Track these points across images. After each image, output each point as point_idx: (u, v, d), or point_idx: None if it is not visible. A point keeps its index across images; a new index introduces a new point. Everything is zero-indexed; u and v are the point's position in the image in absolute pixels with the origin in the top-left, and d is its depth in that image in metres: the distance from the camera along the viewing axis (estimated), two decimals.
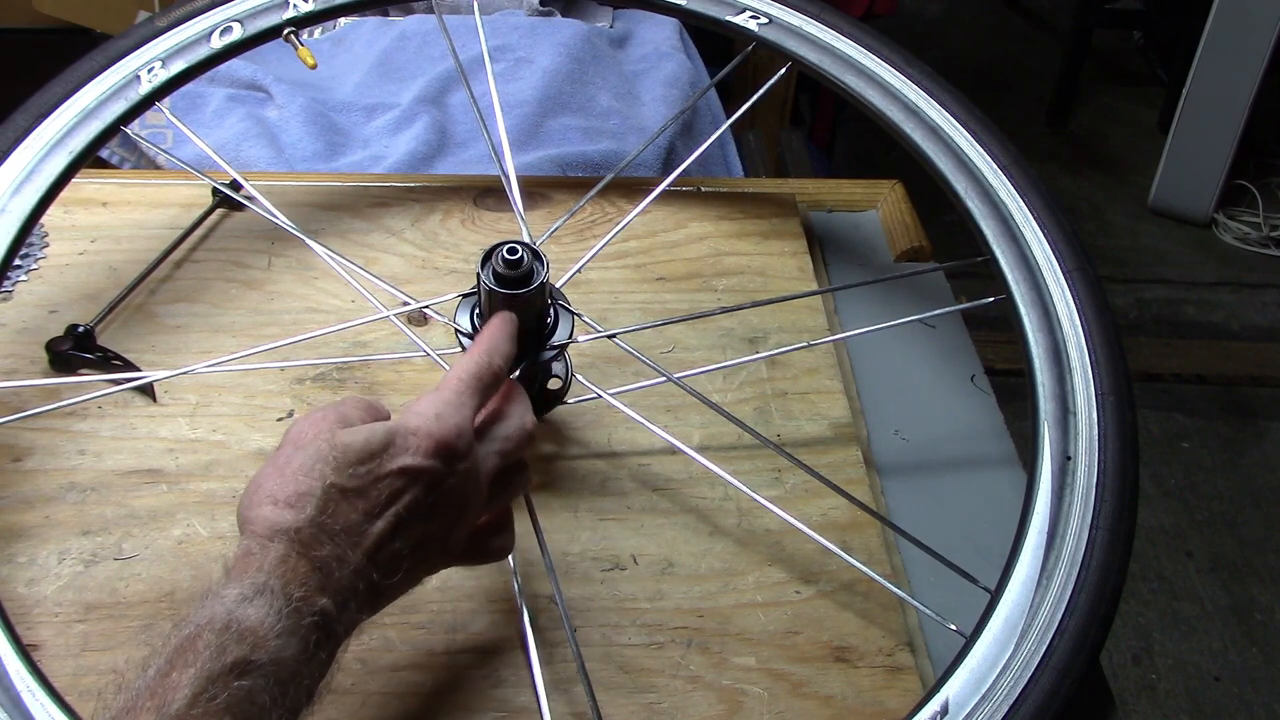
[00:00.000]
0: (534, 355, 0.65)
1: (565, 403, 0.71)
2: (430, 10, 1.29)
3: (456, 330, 0.66)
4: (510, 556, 0.63)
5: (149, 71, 0.77)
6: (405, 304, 0.74)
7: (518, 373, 0.63)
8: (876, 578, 0.63)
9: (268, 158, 1.06)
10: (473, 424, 0.54)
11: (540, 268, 0.62)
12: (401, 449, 0.51)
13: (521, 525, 0.66)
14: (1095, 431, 0.62)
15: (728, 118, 1.23)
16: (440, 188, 0.93)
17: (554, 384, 0.70)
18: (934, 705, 0.54)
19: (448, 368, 0.70)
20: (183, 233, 0.85)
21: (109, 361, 0.75)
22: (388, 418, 0.55)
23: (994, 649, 0.55)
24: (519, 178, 0.79)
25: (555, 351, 0.66)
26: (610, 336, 0.72)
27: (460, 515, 0.54)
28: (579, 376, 0.70)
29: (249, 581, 0.45)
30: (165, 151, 0.91)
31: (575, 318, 0.67)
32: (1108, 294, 0.68)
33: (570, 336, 0.66)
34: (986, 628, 0.56)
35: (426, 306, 0.73)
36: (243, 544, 0.48)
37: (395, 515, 0.50)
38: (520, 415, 0.58)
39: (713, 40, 1.34)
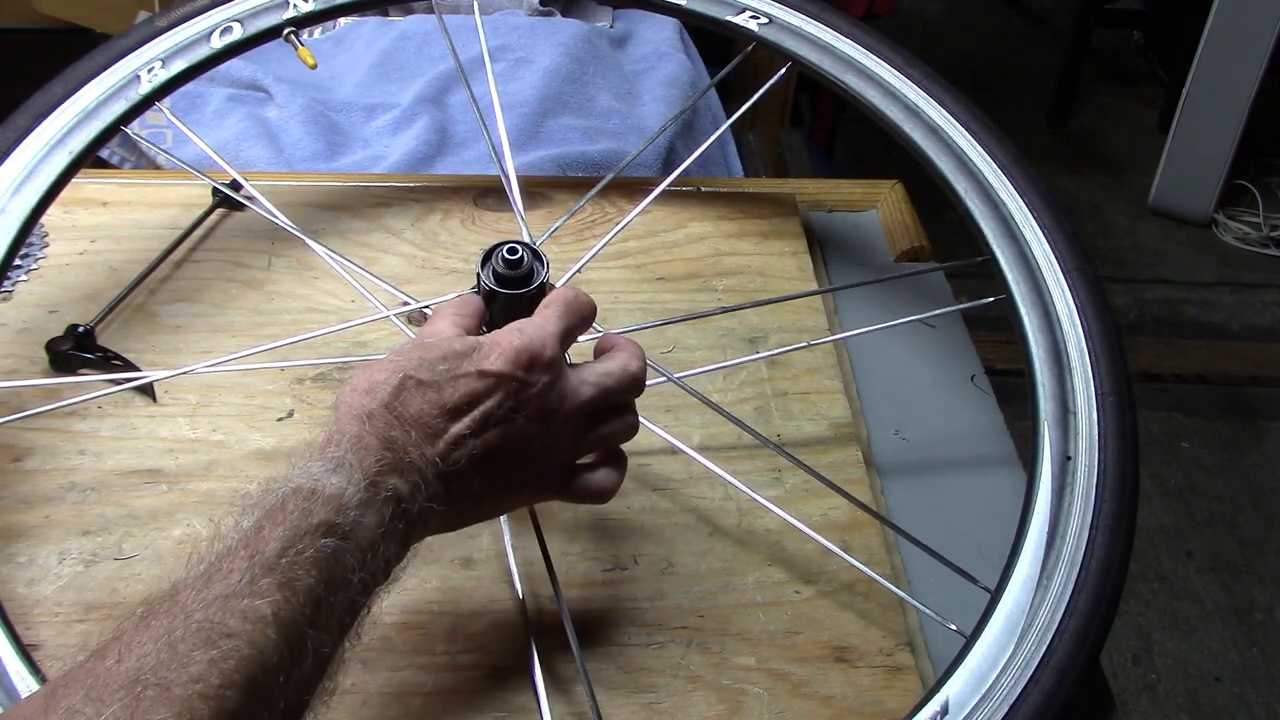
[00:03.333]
0: None
1: None
2: (430, 10, 1.29)
3: None
4: (510, 556, 0.63)
5: (149, 71, 0.77)
6: (405, 304, 0.73)
7: None
8: (876, 578, 0.63)
9: (268, 158, 1.06)
10: (560, 342, 0.56)
11: (540, 268, 0.62)
12: (483, 355, 0.53)
13: (522, 525, 0.66)
14: (1095, 431, 0.62)
15: (728, 118, 1.23)
16: (440, 188, 0.93)
17: None
18: (934, 705, 0.54)
19: None
20: (183, 233, 0.85)
21: (109, 361, 0.75)
22: None
23: (994, 649, 0.55)
24: (519, 178, 0.79)
25: None
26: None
27: (542, 432, 0.54)
28: None
29: (330, 455, 0.49)
30: (165, 151, 0.91)
31: None
32: (1108, 294, 0.68)
33: None
34: (986, 628, 0.56)
35: (426, 306, 0.73)
36: (329, 426, 0.52)
37: (473, 419, 0.52)
38: (626, 360, 0.58)
39: (713, 40, 1.34)
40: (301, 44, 0.81)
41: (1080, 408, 0.63)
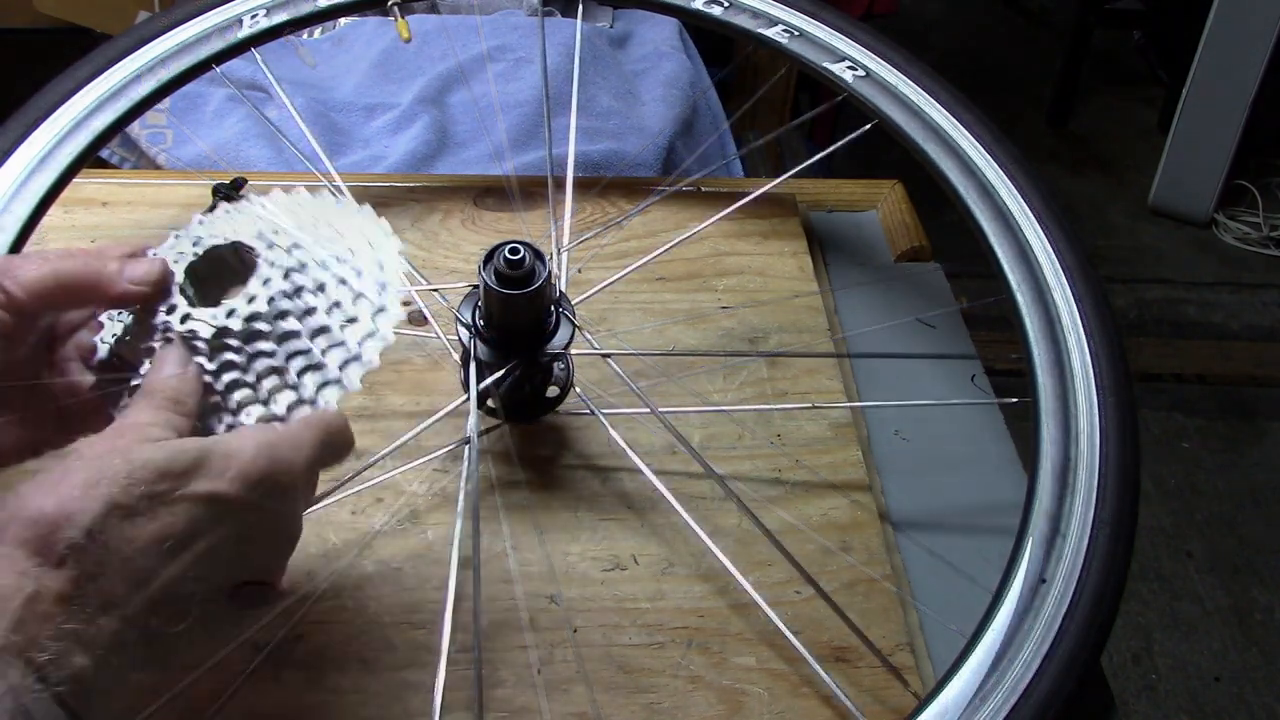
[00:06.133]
0: (527, 358, 0.65)
1: (558, 413, 0.70)
2: (431, 10, 1.29)
3: (458, 319, 0.66)
4: (510, 557, 0.64)
5: (149, 71, 0.77)
6: (423, 285, 0.73)
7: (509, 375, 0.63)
8: (877, 578, 0.63)
9: (268, 158, 1.06)
10: (309, 468, 0.46)
11: (541, 268, 0.62)
12: (213, 471, 0.42)
13: (523, 525, 0.66)
14: (1095, 431, 0.62)
15: (728, 118, 1.23)
16: (440, 188, 0.93)
17: (552, 391, 0.70)
18: (935, 706, 0.54)
19: (455, 355, 0.70)
20: None
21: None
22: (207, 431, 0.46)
23: (994, 649, 0.55)
24: (551, 176, 0.79)
25: (549, 358, 0.66)
26: (605, 356, 0.71)
27: (263, 571, 0.47)
28: (577, 389, 0.70)
29: None
30: (166, 151, 0.91)
31: (575, 330, 0.67)
32: (1108, 294, 0.68)
33: (565, 347, 0.66)
34: (987, 628, 0.56)
35: (430, 301, 0.73)
36: None
37: (194, 555, 0.41)
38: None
39: (713, 40, 1.34)
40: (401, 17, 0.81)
41: (1080, 407, 0.63)
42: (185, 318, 0.49)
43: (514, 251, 0.61)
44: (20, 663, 0.36)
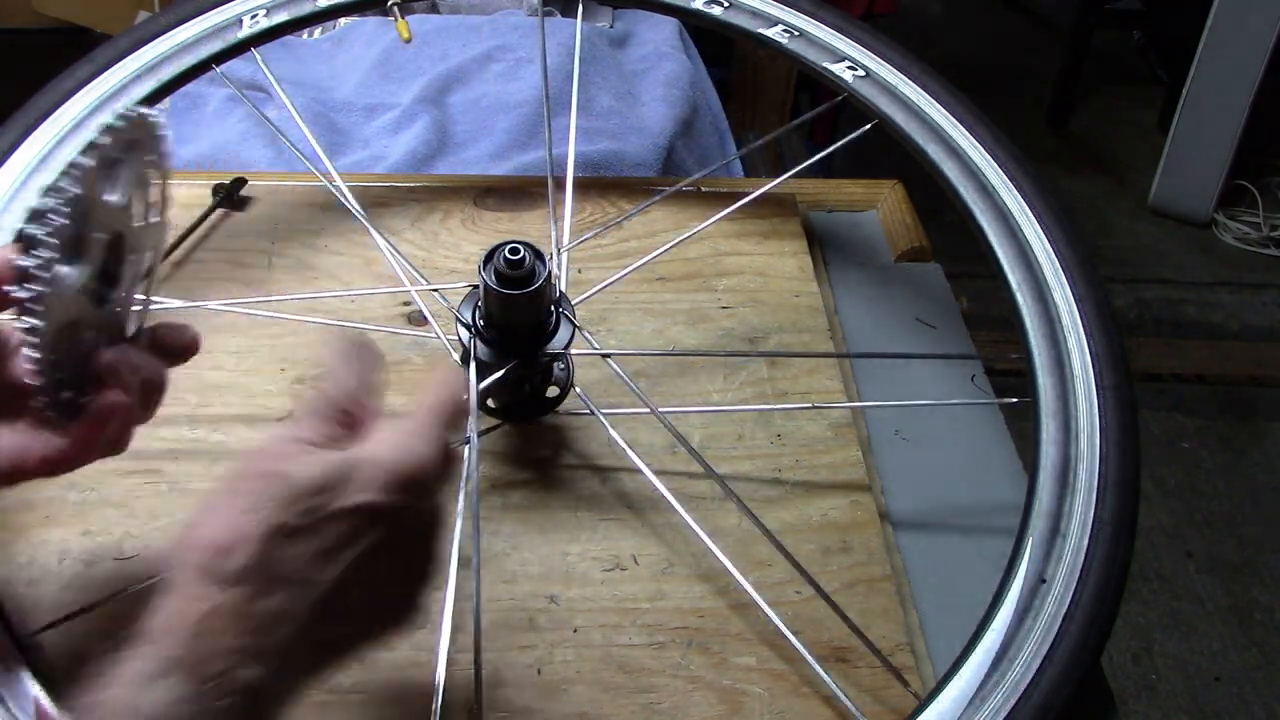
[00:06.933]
0: (527, 358, 0.65)
1: (558, 413, 0.70)
2: (430, 10, 1.29)
3: (458, 319, 0.66)
4: (510, 557, 0.64)
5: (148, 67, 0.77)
6: (423, 285, 0.73)
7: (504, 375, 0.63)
8: (875, 580, 0.63)
9: (268, 158, 1.06)
10: (441, 456, 0.48)
11: (542, 268, 0.62)
12: (360, 483, 0.44)
13: (522, 526, 0.66)
14: (1095, 431, 0.62)
15: (728, 118, 1.23)
16: (440, 188, 0.93)
17: (552, 391, 0.70)
18: (935, 706, 0.54)
19: (455, 355, 0.70)
20: (183, 233, 0.85)
21: None
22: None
23: (995, 649, 0.55)
24: (551, 176, 0.79)
25: (549, 358, 0.66)
26: (605, 356, 0.71)
27: (424, 561, 0.49)
28: (577, 389, 0.70)
29: (160, 654, 0.39)
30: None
31: (575, 330, 0.67)
32: (1108, 294, 0.68)
33: (565, 347, 0.66)
34: (988, 628, 0.56)
35: (430, 301, 0.73)
36: (163, 597, 0.42)
37: (354, 562, 0.44)
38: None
39: (713, 40, 1.33)
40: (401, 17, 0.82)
41: (1081, 406, 0.63)
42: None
43: (514, 251, 0.61)
44: (192, 676, 0.39)
